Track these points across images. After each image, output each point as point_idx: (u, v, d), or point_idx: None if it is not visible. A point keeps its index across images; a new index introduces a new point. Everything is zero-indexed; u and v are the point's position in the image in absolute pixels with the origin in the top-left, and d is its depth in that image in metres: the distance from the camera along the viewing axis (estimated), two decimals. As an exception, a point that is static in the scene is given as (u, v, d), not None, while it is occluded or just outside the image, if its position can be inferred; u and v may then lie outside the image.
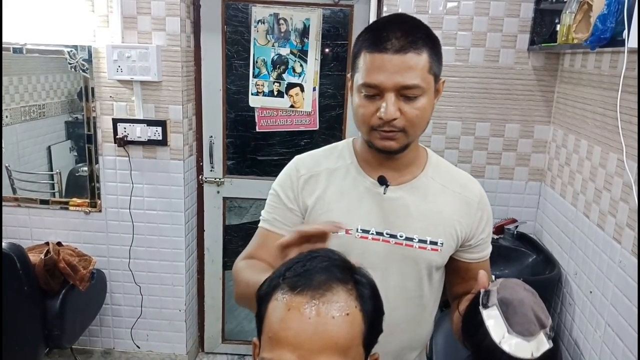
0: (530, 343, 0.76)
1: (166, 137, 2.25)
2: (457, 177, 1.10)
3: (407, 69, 0.91)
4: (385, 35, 0.92)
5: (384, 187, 1.04)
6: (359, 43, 0.97)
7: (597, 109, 1.75)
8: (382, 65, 0.91)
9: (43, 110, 2.45)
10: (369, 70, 0.93)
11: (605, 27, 1.38)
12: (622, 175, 1.55)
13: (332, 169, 1.08)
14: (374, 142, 0.98)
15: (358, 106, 0.97)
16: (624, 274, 1.50)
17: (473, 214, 1.07)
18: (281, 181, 1.11)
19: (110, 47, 2.13)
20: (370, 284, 0.73)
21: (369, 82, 0.93)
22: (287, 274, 0.70)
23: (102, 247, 2.42)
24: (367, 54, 0.93)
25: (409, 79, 0.91)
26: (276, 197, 1.10)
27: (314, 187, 1.07)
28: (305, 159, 1.12)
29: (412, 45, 0.91)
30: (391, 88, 0.92)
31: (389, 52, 0.91)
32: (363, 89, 0.94)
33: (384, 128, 0.94)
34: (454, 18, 2.11)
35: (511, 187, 2.28)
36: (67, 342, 2.21)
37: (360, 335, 0.67)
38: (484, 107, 2.19)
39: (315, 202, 1.06)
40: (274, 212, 1.09)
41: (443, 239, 1.04)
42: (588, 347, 1.71)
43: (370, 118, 0.95)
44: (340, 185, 1.06)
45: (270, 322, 0.67)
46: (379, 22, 0.99)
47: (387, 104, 0.92)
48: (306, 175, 1.08)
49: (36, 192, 2.43)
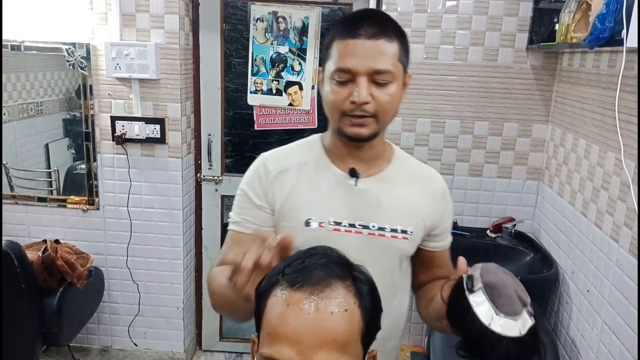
0: (517, 322, 0.80)
1: (164, 135, 2.25)
2: (422, 170, 1.14)
3: (380, 54, 0.94)
4: (358, 23, 0.95)
5: (355, 178, 1.05)
6: (331, 34, 1.00)
7: (596, 108, 1.76)
8: (355, 50, 0.93)
9: (41, 107, 2.45)
10: (342, 55, 0.95)
11: (604, 27, 1.38)
12: (620, 175, 1.56)
13: (302, 163, 1.08)
14: (344, 129, 0.99)
15: (329, 93, 0.98)
16: (621, 273, 1.50)
17: (438, 205, 1.11)
18: (249, 179, 1.10)
19: (109, 44, 2.12)
20: (368, 281, 0.73)
21: (342, 66, 0.94)
22: (286, 270, 0.70)
23: (100, 245, 2.42)
24: (340, 41, 0.96)
25: (381, 64, 0.94)
26: (244, 197, 1.09)
27: (284, 183, 1.07)
28: (273, 155, 1.12)
29: (384, 33, 0.95)
30: (364, 72, 0.94)
31: (362, 38, 0.94)
32: (336, 75, 0.96)
33: (356, 113, 0.96)
34: (453, 17, 2.11)
35: (509, 186, 2.28)
36: (65, 340, 2.21)
37: (359, 331, 0.68)
38: (483, 106, 2.20)
39: (286, 197, 1.06)
40: (243, 212, 1.08)
41: (413, 228, 1.07)
42: (585, 346, 1.72)
43: (342, 103, 0.96)
44: (311, 179, 1.07)
45: (269, 318, 0.68)
46: (350, 15, 1.01)
47: (360, 88, 0.94)
48: (275, 171, 1.08)
49: (34, 190, 2.42)
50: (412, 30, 2.13)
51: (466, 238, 2.24)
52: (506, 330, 0.79)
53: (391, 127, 2.23)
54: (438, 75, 2.17)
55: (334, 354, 0.64)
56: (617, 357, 1.50)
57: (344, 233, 1.04)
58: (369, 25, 0.94)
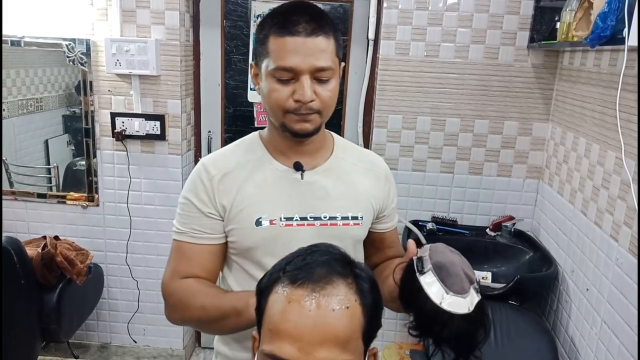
0: (466, 299, 0.84)
1: (164, 131, 2.24)
2: (363, 155, 1.17)
3: (320, 52, 0.94)
4: (294, 19, 0.93)
5: (300, 172, 1.06)
6: (265, 28, 0.97)
7: (596, 107, 1.75)
8: (296, 48, 0.92)
9: (41, 103, 2.44)
10: (282, 53, 0.93)
11: (606, 25, 1.38)
12: (620, 173, 1.56)
13: (244, 163, 1.07)
14: (289, 125, 0.99)
15: (271, 90, 0.97)
16: (621, 272, 1.50)
17: (382, 186, 1.14)
18: (191, 187, 1.07)
19: (109, 40, 2.12)
20: (369, 278, 0.73)
21: (283, 65, 0.93)
22: (287, 267, 0.70)
23: (100, 242, 2.41)
24: (277, 37, 0.94)
25: (323, 62, 0.94)
26: (189, 206, 1.06)
27: (230, 186, 1.05)
28: (212, 159, 1.09)
29: (322, 29, 0.94)
30: (306, 70, 0.93)
31: (301, 35, 0.92)
32: (276, 73, 0.94)
33: (301, 111, 0.96)
34: (454, 15, 2.11)
35: (509, 184, 2.28)
36: (64, 337, 2.21)
37: (360, 328, 0.68)
38: (483, 104, 2.19)
39: (233, 199, 1.04)
40: (190, 222, 1.06)
41: (362, 213, 1.09)
42: (584, 344, 1.72)
43: (285, 102, 0.96)
44: (256, 177, 1.06)
45: (270, 315, 0.68)
46: (282, 8, 0.98)
47: (304, 87, 0.94)
48: (218, 175, 1.05)
49: (33, 186, 2.42)
50: (412, 28, 2.13)
51: (465, 236, 2.24)
52: (456, 307, 0.82)
53: (391, 125, 2.24)
54: (438, 73, 2.17)
55: (335, 351, 0.64)
56: (616, 356, 1.50)
57: (296, 227, 1.04)
58: (305, 21, 0.93)
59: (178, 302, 1.04)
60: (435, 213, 2.32)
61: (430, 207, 2.32)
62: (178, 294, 1.03)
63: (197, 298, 1.00)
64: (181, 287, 1.03)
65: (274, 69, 0.94)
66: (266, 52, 0.96)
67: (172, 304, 1.05)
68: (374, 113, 2.25)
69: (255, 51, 1.01)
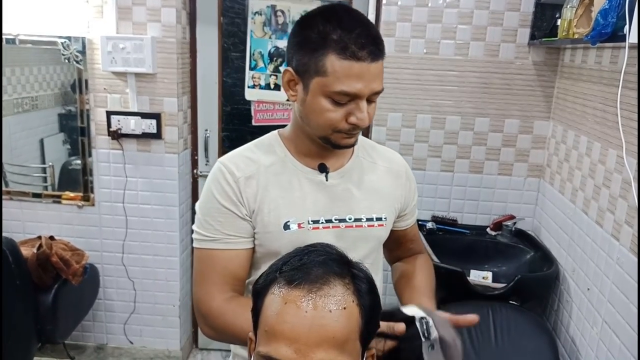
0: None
1: (161, 130, 2.22)
2: (382, 152, 1.15)
3: (379, 75, 0.94)
4: (359, 41, 0.90)
5: (324, 174, 1.05)
6: (322, 42, 0.91)
7: (597, 105, 1.74)
8: (361, 75, 0.90)
9: (36, 102, 2.42)
10: (346, 78, 0.90)
11: (607, 22, 1.37)
12: (621, 172, 1.54)
13: (267, 165, 1.04)
14: (336, 141, 0.98)
15: (323, 110, 0.94)
16: (622, 271, 1.49)
17: (404, 184, 1.14)
18: (219, 191, 1.02)
19: (105, 38, 2.10)
20: (367, 279, 0.72)
21: (347, 90, 0.91)
22: (284, 267, 0.69)
23: (95, 242, 2.39)
24: (341, 60, 0.90)
25: (380, 85, 0.94)
26: (221, 210, 1.01)
27: (254, 188, 1.02)
28: (234, 160, 1.05)
29: (382, 52, 0.94)
30: (366, 95, 0.93)
31: (366, 61, 0.90)
32: (335, 96, 0.92)
33: (353, 132, 0.96)
34: (454, 11, 2.09)
35: (510, 183, 2.27)
36: (60, 337, 2.19)
37: (357, 329, 0.67)
38: (484, 102, 2.18)
39: (260, 203, 1.02)
40: (223, 228, 1.01)
41: (386, 214, 1.09)
42: (585, 344, 1.70)
43: (339, 123, 0.94)
44: (280, 180, 1.03)
45: (266, 316, 0.67)
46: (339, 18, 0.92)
47: (363, 111, 0.93)
48: (243, 176, 1.02)
49: (29, 186, 2.40)
50: (412, 25, 2.11)
51: (466, 236, 2.22)
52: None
53: (391, 124, 2.22)
54: (439, 70, 2.15)
55: (332, 353, 0.63)
56: (617, 356, 1.48)
57: (322, 230, 1.03)
58: (370, 43, 0.91)
59: (224, 326, 1.00)
60: (435, 212, 2.30)
61: (430, 206, 2.31)
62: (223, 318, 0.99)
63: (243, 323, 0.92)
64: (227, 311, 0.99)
65: (333, 92, 0.91)
66: (322, 70, 0.91)
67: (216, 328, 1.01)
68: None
69: (296, 58, 0.96)
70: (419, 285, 1.13)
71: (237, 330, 0.95)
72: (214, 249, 1.02)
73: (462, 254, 2.08)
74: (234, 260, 1.03)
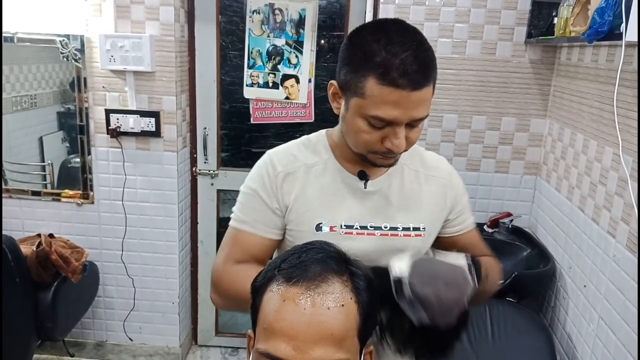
0: None
1: (159, 128, 2.22)
2: (426, 159, 1.11)
3: (421, 103, 0.88)
4: (402, 67, 0.84)
5: (364, 181, 1.03)
6: (364, 63, 0.87)
7: (594, 103, 1.75)
8: (399, 102, 0.85)
9: (35, 100, 2.42)
10: (382, 104, 0.86)
11: (603, 20, 1.37)
12: (617, 170, 1.55)
13: (310, 165, 1.05)
14: (373, 161, 0.96)
15: (361, 131, 0.91)
16: (618, 268, 1.50)
17: (447, 192, 1.09)
18: (257, 180, 1.05)
19: (103, 36, 2.10)
20: (365, 276, 0.72)
21: (383, 117, 0.87)
22: (282, 265, 0.70)
23: (95, 239, 2.40)
24: (379, 85, 0.85)
25: (422, 112, 0.89)
26: (255, 198, 1.04)
27: (292, 185, 1.03)
28: (280, 154, 1.07)
29: (428, 79, 0.87)
30: (404, 122, 0.89)
31: (407, 89, 0.84)
32: (371, 120, 0.89)
33: (389, 155, 0.94)
34: (451, 10, 2.09)
35: (506, 180, 2.28)
36: (60, 335, 2.20)
37: (355, 326, 0.67)
38: (480, 100, 2.18)
39: (295, 200, 1.03)
40: (254, 214, 1.04)
41: (425, 224, 1.06)
42: (581, 341, 1.72)
43: (375, 145, 0.92)
44: (319, 181, 1.04)
45: (265, 314, 0.67)
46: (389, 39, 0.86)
47: (400, 138, 0.89)
48: (283, 172, 1.04)
49: (28, 184, 2.40)
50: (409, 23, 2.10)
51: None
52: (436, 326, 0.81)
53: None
54: (436, 69, 2.15)
55: (330, 350, 0.64)
56: (613, 352, 1.50)
57: (355, 236, 1.02)
58: (414, 71, 0.84)
59: (226, 288, 1.01)
60: (432, 210, 2.31)
61: (428, 203, 2.31)
62: (230, 278, 1.00)
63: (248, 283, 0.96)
64: (234, 271, 1.00)
65: (369, 115, 0.88)
66: (361, 92, 0.88)
67: (221, 289, 1.02)
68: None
69: (341, 74, 0.92)
70: None
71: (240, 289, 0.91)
72: (241, 229, 1.04)
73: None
74: (257, 246, 1.04)
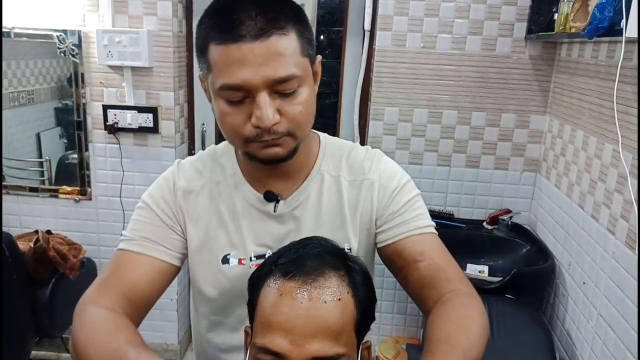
0: None
1: (157, 124, 2.22)
2: (354, 161, 0.91)
3: (275, 57, 0.71)
4: (236, 17, 0.70)
5: (273, 203, 0.87)
6: (203, 32, 0.75)
7: (594, 99, 1.74)
8: (242, 59, 0.70)
9: (32, 96, 2.41)
10: (225, 67, 0.72)
11: (604, 16, 1.37)
12: (617, 166, 1.55)
13: (214, 183, 0.89)
14: (255, 154, 0.79)
15: (222, 114, 0.76)
16: (618, 265, 1.49)
17: (375, 195, 0.89)
18: (156, 192, 0.89)
19: (101, 31, 2.09)
20: (362, 271, 0.72)
21: (230, 82, 0.72)
22: (279, 260, 0.70)
23: (92, 236, 2.39)
24: (217, 46, 0.72)
25: (282, 70, 0.72)
26: (148, 212, 0.88)
27: (193, 206, 0.88)
28: (186, 166, 0.91)
29: (274, 24, 0.71)
30: (261, 86, 0.72)
31: (246, 40, 0.70)
32: (224, 94, 0.74)
33: (264, 138, 0.75)
34: (451, 5, 2.08)
35: (506, 177, 2.27)
36: (58, 331, 2.19)
37: (353, 321, 0.67)
38: (480, 96, 2.18)
39: (194, 227, 0.88)
40: (144, 229, 0.86)
41: (352, 242, 0.88)
42: (580, 338, 1.71)
43: (242, 128, 0.75)
44: (225, 204, 0.88)
45: (262, 308, 0.67)
46: (218, 1, 0.76)
47: (262, 108, 0.72)
48: (183, 189, 0.88)
49: (25, 180, 2.40)
50: (409, 19, 2.10)
51: (462, 230, 2.22)
52: None
53: (388, 118, 2.22)
54: (435, 64, 2.15)
55: (327, 344, 0.63)
56: (612, 349, 1.49)
57: None
58: (250, 17, 0.70)
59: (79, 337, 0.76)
60: (431, 206, 2.31)
61: (427, 200, 2.26)
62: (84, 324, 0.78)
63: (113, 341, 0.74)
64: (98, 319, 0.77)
65: (219, 87, 0.74)
66: (208, 65, 0.75)
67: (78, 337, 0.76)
68: (370, 105, 2.23)
69: (198, 61, 0.80)
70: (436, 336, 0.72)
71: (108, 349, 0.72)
72: (126, 249, 0.86)
73: (458, 248, 2.05)
74: (144, 273, 0.84)
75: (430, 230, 0.88)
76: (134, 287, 0.83)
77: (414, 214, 0.88)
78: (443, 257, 0.85)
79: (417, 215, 0.88)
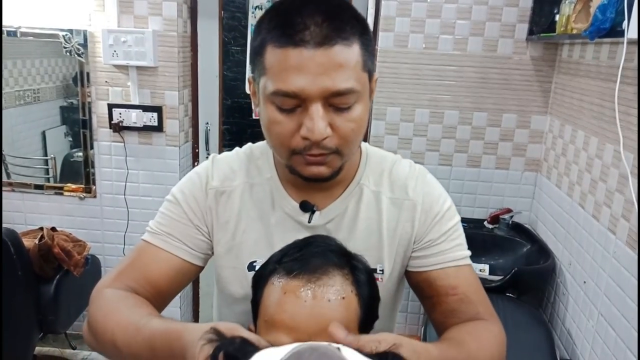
0: None
1: (162, 123, 2.23)
2: (396, 177, 0.87)
3: (337, 68, 0.67)
4: (300, 21, 0.66)
5: (308, 214, 0.83)
6: (261, 33, 0.71)
7: (595, 100, 1.75)
8: (301, 65, 0.66)
9: (38, 94, 2.43)
10: (282, 72, 0.67)
11: (605, 18, 1.37)
12: (618, 167, 1.56)
13: (251, 184, 0.85)
14: (297, 169, 0.75)
15: (272, 122, 0.71)
16: (618, 265, 1.50)
17: (416, 219, 0.85)
18: (186, 187, 0.86)
19: (106, 31, 2.10)
20: (366, 270, 0.73)
21: (284, 89, 0.67)
22: (283, 258, 0.70)
23: (97, 233, 2.41)
24: (275, 48, 0.68)
25: (341, 82, 0.67)
26: (176, 207, 0.85)
27: (225, 208, 0.84)
28: (221, 164, 0.87)
29: (340, 33, 0.67)
30: (317, 96, 0.67)
31: (308, 46, 0.66)
32: (276, 99, 0.69)
33: (311, 151, 0.71)
34: (453, 7, 2.09)
35: (507, 177, 2.28)
36: (62, 328, 2.21)
37: (356, 319, 0.68)
38: (481, 96, 2.19)
39: (222, 230, 0.84)
40: (170, 226, 0.84)
41: (384, 264, 0.84)
42: (581, 337, 1.72)
43: (290, 139, 0.71)
44: (258, 208, 0.84)
45: (266, 306, 0.68)
46: (284, 4, 0.71)
47: (314, 119, 0.68)
48: (216, 189, 0.85)
49: (30, 177, 2.41)
50: (411, 20, 2.11)
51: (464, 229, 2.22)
52: None
53: (390, 118, 2.23)
54: (437, 65, 2.16)
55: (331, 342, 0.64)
56: (613, 348, 1.50)
57: None
58: (316, 23, 0.66)
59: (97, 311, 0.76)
60: (433, 206, 2.31)
61: (428, 199, 2.32)
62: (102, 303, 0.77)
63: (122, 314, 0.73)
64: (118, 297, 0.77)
65: (272, 92, 0.69)
66: (263, 68, 0.70)
67: (96, 316, 0.76)
68: (372, 105, 2.25)
69: (251, 61, 0.76)
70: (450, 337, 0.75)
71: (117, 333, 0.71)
72: (150, 242, 0.84)
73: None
74: (162, 267, 0.82)
75: (465, 262, 0.86)
76: (152, 281, 0.82)
77: (451, 245, 0.86)
78: (475, 291, 0.84)
79: (455, 246, 0.86)
